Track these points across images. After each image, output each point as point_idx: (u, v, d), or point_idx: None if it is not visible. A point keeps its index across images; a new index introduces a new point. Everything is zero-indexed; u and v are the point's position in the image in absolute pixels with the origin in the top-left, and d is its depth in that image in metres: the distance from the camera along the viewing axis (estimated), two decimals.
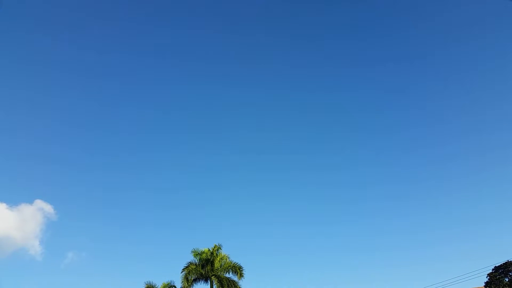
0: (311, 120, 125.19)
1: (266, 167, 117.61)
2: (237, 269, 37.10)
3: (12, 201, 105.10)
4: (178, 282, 37.56)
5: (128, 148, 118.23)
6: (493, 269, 55.33)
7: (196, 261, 37.77)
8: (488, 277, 55.30)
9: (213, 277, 36.88)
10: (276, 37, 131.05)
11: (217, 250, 37.72)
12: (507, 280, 53.38)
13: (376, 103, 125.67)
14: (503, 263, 54.39)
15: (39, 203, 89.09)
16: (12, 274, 79.01)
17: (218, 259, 37.38)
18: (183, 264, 38.21)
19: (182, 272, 37.13)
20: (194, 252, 37.86)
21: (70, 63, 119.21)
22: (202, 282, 37.69)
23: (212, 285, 36.80)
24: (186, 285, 36.43)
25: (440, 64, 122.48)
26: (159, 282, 38.99)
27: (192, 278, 37.28)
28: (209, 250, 37.73)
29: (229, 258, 37.93)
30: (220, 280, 36.38)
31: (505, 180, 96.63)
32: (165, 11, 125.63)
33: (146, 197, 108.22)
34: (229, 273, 37.51)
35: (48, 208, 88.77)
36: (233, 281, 36.86)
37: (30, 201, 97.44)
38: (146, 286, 38.52)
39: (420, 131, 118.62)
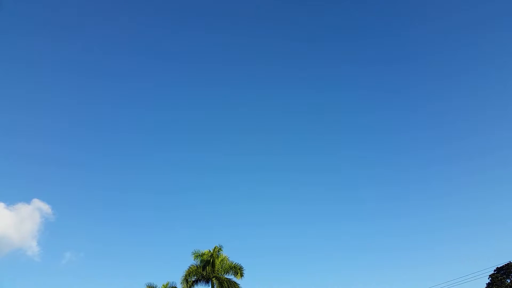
0: (311, 121, 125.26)
1: (266, 168, 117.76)
2: (238, 270, 37.01)
3: (10, 201, 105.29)
4: (179, 283, 37.54)
5: (126, 148, 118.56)
6: (495, 270, 55.13)
7: (197, 263, 37.69)
8: (490, 278, 55.09)
9: (213, 278, 36.83)
10: (274, 38, 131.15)
11: (218, 251, 37.65)
12: (509, 281, 53.15)
13: (375, 103, 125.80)
14: (505, 264, 54.19)
15: (36, 202, 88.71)
16: (9, 275, 78.80)
17: (218, 260, 37.31)
18: (184, 265, 38.24)
19: (183, 275, 37.09)
20: (194, 254, 37.80)
21: (70, 64, 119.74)
22: (203, 283, 37.64)
23: (213, 286, 36.72)
24: (186, 286, 36.34)
25: (440, 64, 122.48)
26: (159, 283, 38.98)
27: (193, 280, 37.22)
28: (209, 251, 37.68)
29: (229, 259, 37.90)
30: (221, 281, 36.34)
31: (507, 180, 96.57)
32: (165, 12, 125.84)
33: (144, 198, 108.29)
34: (229, 274, 37.44)
35: (46, 208, 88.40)
36: (234, 282, 36.81)
37: (27, 201, 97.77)
38: (146, 287, 38.51)
39: (420, 132, 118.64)
